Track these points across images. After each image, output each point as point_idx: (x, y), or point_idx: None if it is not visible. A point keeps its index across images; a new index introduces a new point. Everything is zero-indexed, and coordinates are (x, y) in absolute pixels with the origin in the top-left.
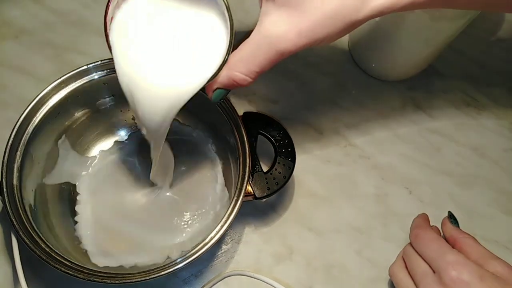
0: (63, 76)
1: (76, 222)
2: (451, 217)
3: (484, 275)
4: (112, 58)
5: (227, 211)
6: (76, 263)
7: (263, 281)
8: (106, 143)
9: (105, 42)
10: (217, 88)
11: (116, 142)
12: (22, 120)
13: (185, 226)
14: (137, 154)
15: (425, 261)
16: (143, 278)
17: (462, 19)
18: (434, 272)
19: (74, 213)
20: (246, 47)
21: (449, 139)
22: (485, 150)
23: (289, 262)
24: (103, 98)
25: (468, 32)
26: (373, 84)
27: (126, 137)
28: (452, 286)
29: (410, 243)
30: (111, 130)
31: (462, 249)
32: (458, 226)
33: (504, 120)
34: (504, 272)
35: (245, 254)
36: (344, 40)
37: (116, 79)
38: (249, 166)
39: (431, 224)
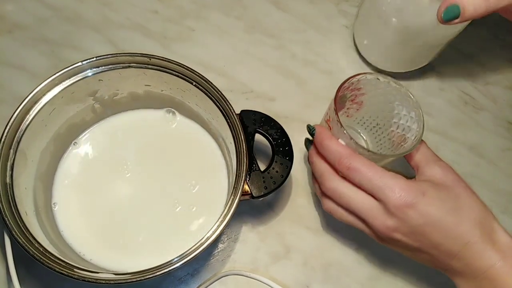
0: (56, 73)
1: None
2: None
3: (426, 189)
4: (107, 55)
5: (224, 210)
6: (70, 262)
7: (259, 280)
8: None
9: (101, 37)
10: (453, 4)
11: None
12: (15, 118)
13: (182, 225)
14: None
15: (363, 191)
16: (139, 279)
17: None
18: (377, 200)
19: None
20: None
21: (446, 137)
22: (482, 150)
23: (286, 261)
24: (98, 95)
25: (467, 30)
26: None
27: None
28: (398, 213)
29: (328, 180)
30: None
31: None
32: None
33: (502, 119)
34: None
35: (242, 253)
36: (343, 36)
37: (111, 75)
38: (245, 165)
39: None
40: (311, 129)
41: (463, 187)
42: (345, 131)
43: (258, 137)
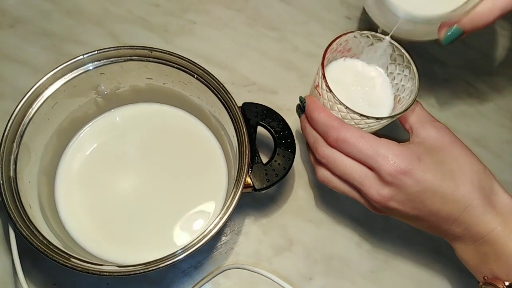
0: (58, 66)
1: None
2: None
3: (421, 153)
4: (108, 48)
5: (226, 203)
6: (73, 255)
7: (262, 274)
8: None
9: (102, 31)
10: (454, 27)
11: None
12: (18, 112)
13: (184, 217)
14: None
15: (356, 161)
16: (142, 271)
17: None
18: (371, 169)
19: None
20: None
21: (450, 129)
22: (486, 141)
23: (289, 254)
24: (100, 88)
25: None
26: None
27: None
28: (394, 181)
29: (322, 147)
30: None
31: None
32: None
33: (506, 111)
34: (437, 136)
35: (245, 246)
36: (346, 28)
37: (112, 68)
38: (248, 158)
39: None
40: (302, 101)
41: (461, 147)
42: (333, 96)
43: (260, 129)
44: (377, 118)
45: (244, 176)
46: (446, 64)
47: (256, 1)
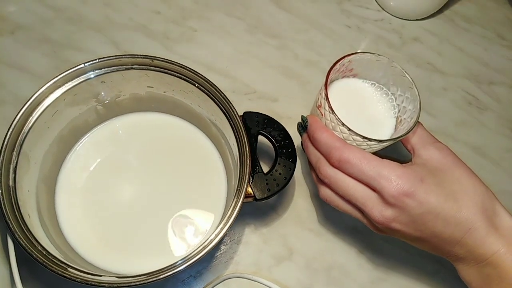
0: (59, 75)
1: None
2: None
3: (423, 175)
4: (109, 56)
5: (227, 213)
6: (72, 265)
7: (262, 283)
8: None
9: (103, 38)
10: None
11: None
12: (18, 120)
13: (183, 227)
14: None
15: (359, 181)
16: (142, 282)
17: None
18: (373, 190)
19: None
20: None
21: (449, 138)
22: (486, 150)
23: (289, 263)
24: (101, 96)
25: (470, 29)
26: None
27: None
28: (396, 202)
29: (325, 166)
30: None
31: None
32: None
33: (505, 120)
34: (439, 157)
35: (245, 255)
36: (346, 36)
37: (113, 77)
38: (249, 167)
39: None
40: (304, 121)
41: (463, 168)
42: (336, 118)
43: (261, 138)
44: (379, 141)
45: (245, 186)
46: (446, 73)
47: (257, 9)
